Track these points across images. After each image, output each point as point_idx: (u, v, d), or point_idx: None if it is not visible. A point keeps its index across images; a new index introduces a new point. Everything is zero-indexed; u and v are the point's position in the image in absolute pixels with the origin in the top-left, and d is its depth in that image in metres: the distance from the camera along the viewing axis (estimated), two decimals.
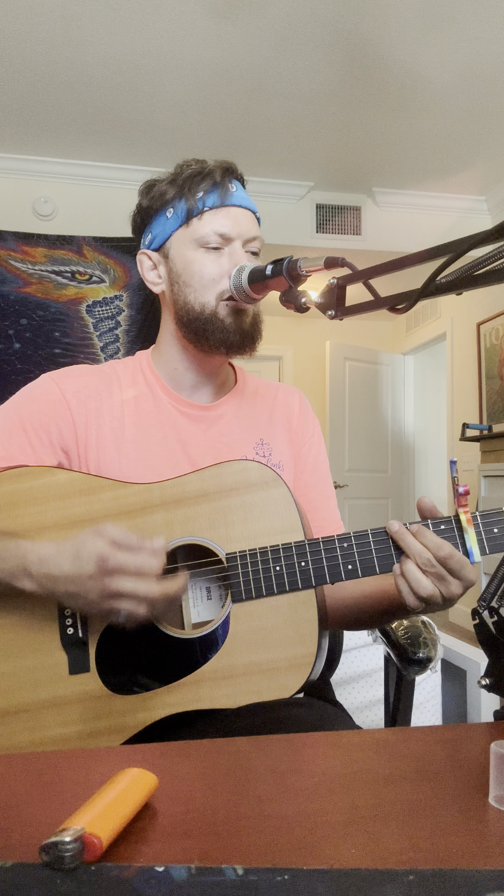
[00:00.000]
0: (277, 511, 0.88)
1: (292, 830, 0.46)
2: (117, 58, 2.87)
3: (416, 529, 0.81)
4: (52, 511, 0.89)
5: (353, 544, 0.84)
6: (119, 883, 0.39)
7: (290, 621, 0.84)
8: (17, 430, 0.96)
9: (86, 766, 0.59)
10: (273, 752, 0.61)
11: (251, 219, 1.02)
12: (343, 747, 0.63)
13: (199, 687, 0.83)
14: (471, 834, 0.45)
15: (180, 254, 1.00)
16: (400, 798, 0.50)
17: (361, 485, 5.36)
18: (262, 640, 0.84)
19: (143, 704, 0.83)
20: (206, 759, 0.60)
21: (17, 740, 0.84)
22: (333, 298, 0.83)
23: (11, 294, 3.57)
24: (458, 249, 0.66)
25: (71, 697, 0.84)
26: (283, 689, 0.82)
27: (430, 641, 1.07)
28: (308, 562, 0.84)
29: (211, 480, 0.89)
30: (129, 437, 0.99)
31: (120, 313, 3.67)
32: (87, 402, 0.99)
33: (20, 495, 0.89)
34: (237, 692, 0.83)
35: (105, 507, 0.88)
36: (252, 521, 0.87)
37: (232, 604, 0.85)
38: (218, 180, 0.99)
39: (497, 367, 4.34)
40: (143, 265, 1.06)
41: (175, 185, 1.00)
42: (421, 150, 3.62)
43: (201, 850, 0.43)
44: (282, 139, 3.55)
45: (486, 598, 0.65)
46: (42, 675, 0.85)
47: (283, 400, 1.13)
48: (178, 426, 1.02)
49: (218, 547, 0.87)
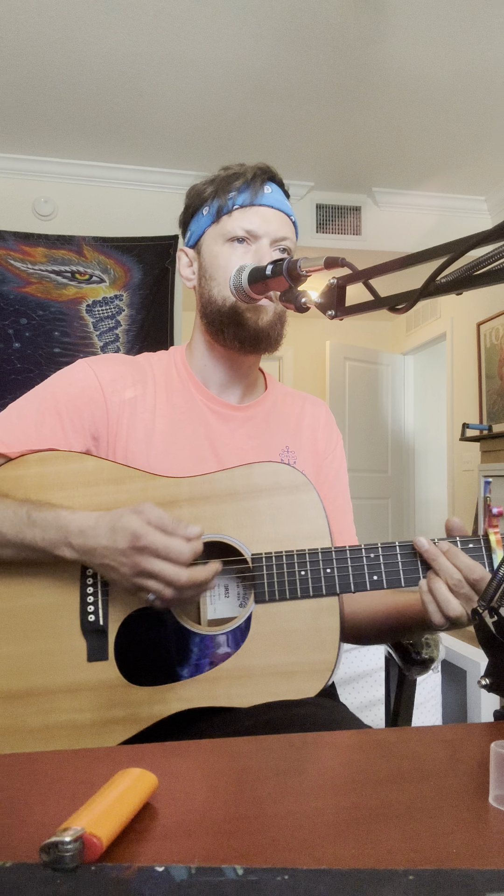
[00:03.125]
0: (306, 515, 0.88)
1: (292, 830, 0.46)
2: (117, 58, 2.87)
3: (447, 548, 0.82)
4: (78, 497, 0.88)
5: (379, 555, 0.85)
6: (119, 883, 0.39)
7: (312, 626, 0.84)
8: (52, 412, 0.96)
9: (86, 766, 0.59)
10: (273, 752, 0.61)
11: (283, 220, 1.02)
12: (343, 747, 0.63)
13: (217, 684, 0.83)
14: (471, 834, 0.45)
15: (209, 249, 1.02)
16: (400, 798, 0.50)
17: (361, 485, 5.35)
18: (282, 642, 0.84)
19: (159, 697, 0.83)
20: (206, 759, 0.60)
21: (28, 722, 0.83)
22: (333, 298, 0.83)
23: (11, 293, 3.58)
24: (458, 249, 0.66)
25: (87, 684, 0.84)
26: (299, 692, 0.83)
27: (433, 641, 1.08)
28: (334, 569, 0.85)
29: (241, 480, 0.89)
30: (160, 430, 0.98)
31: (120, 313, 3.67)
32: (122, 391, 0.99)
33: (48, 479, 0.89)
34: (253, 692, 0.83)
35: (132, 497, 0.88)
36: (279, 524, 0.87)
37: (255, 604, 0.85)
38: (250, 180, 1.00)
39: (497, 367, 4.34)
40: (180, 262, 1.08)
41: (212, 185, 1.03)
42: (421, 150, 3.62)
43: (201, 850, 0.43)
44: (282, 139, 3.55)
45: (486, 598, 0.65)
46: (59, 659, 0.85)
47: (311, 412, 1.14)
48: (209, 424, 1.02)
49: (244, 546, 0.87)
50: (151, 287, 3.67)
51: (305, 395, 1.18)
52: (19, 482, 0.89)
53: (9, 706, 0.83)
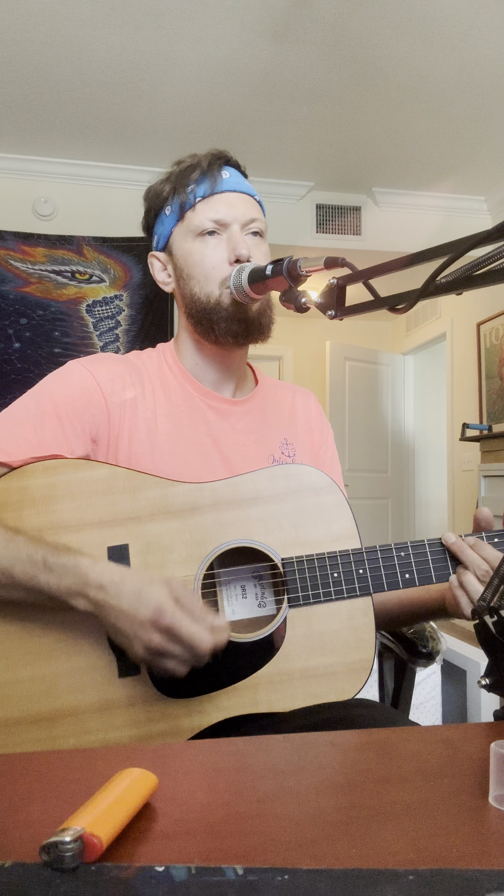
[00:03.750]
0: (332, 517, 0.88)
1: (292, 830, 0.46)
2: (117, 58, 2.87)
3: (472, 542, 0.84)
4: (92, 507, 0.84)
5: (410, 553, 0.86)
6: (119, 883, 0.39)
7: (348, 627, 0.85)
8: (52, 416, 0.92)
9: (86, 766, 0.59)
10: (273, 752, 0.60)
11: (248, 202, 1.00)
12: (343, 747, 0.63)
13: (256, 691, 0.83)
14: (471, 834, 0.45)
15: (180, 248, 1.00)
16: (400, 798, 0.50)
17: (361, 485, 5.35)
18: (319, 644, 0.84)
19: (198, 708, 0.82)
20: (206, 759, 0.60)
21: (61, 745, 0.79)
22: (333, 298, 0.83)
23: (11, 293, 3.57)
24: (458, 249, 0.66)
25: (121, 701, 0.81)
26: (340, 692, 0.83)
27: (436, 635, 1.10)
28: (366, 569, 0.85)
29: (264, 483, 0.88)
30: (163, 430, 0.96)
31: (120, 313, 3.67)
32: (121, 390, 0.96)
33: (58, 489, 0.85)
34: (294, 695, 0.83)
35: (151, 505, 0.85)
36: (307, 527, 0.87)
37: (288, 608, 0.85)
38: (206, 169, 0.98)
39: (497, 367, 4.34)
40: (153, 267, 1.06)
41: (169, 183, 1.01)
42: (421, 150, 3.62)
43: (201, 850, 0.43)
44: (282, 139, 3.55)
45: (486, 598, 0.65)
46: (89, 677, 0.81)
47: (303, 403, 1.14)
48: (209, 420, 1.01)
49: (273, 551, 0.86)
50: (151, 287, 3.67)
51: (293, 385, 1.17)
52: (24, 493, 0.84)
53: (40, 730, 0.80)
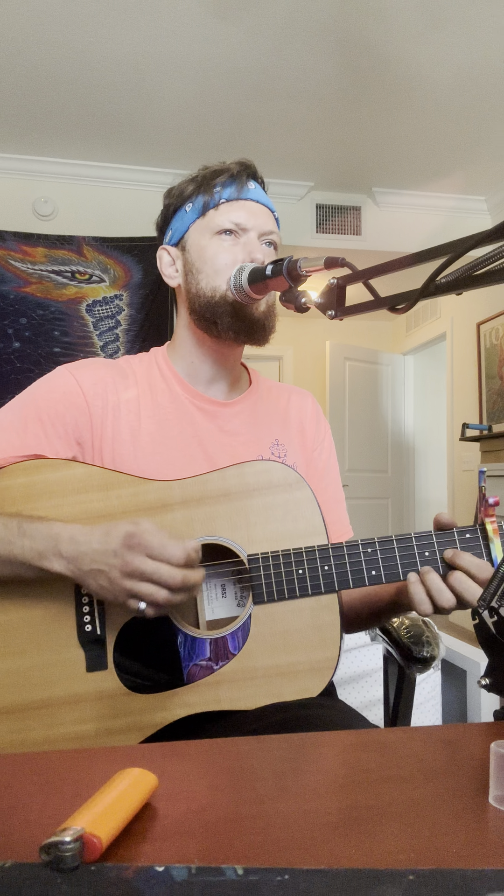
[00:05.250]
0: (301, 514, 0.87)
1: (292, 830, 0.46)
2: (118, 58, 2.87)
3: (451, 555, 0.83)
4: (68, 505, 0.87)
5: (377, 549, 0.85)
6: (119, 883, 0.39)
7: (313, 625, 0.84)
8: (34, 419, 0.95)
9: (86, 766, 0.59)
10: (273, 752, 0.60)
11: (268, 215, 1.03)
12: (343, 747, 0.63)
13: (219, 688, 0.83)
14: (471, 834, 0.45)
15: (196, 243, 1.02)
16: (400, 798, 0.50)
17: (361, 485, 5.36)
18: (283, 642, 0.84)
19: (161, 704, 0.83)
20: (206, 759, 0.60)
21: (32, 736, 0.83)
22: (333, 298, 0.83)
23: (11, 293, 3.57)
24: (458, 249, 0.66)
25: (88, 695, 0.83)
26: (303, 691, 0.82)
27: (433, 639, 1.08)
28: (332, 566, 0.84)
29: (233, 480, 0.88)
30: (146, 431, 0.98)
31: (120, 313, 3.67)
32: (104, 394, 0.98)
33: (36, 488, 0.88)
34: (257, 694, 0.83)
35: (123, 503, 0.87)
36: (275, 523, 0.87)
37: (253, 605, 0.85)
38: (234, 175, 1.00)
39: (497, 367, 4.34)
40: (161, 260, 1.07)
41: (195, 182, 1.03)
42: (421, 150, 3.62)
43: (201, 850, 0.43)
44: (282, 139, 3.55)
45: (486, 598, 0.65)
46: (59, 671, 0.84)
47: (297, 403, 1.14)
48: (196, 422, 1.01)
49: (239, 548, 0.86)
50: (151, 287, 3.67)
51: (290, 387, 1.17)
52: (6, 493, 0.88)
53: (12, 721, 0.83)
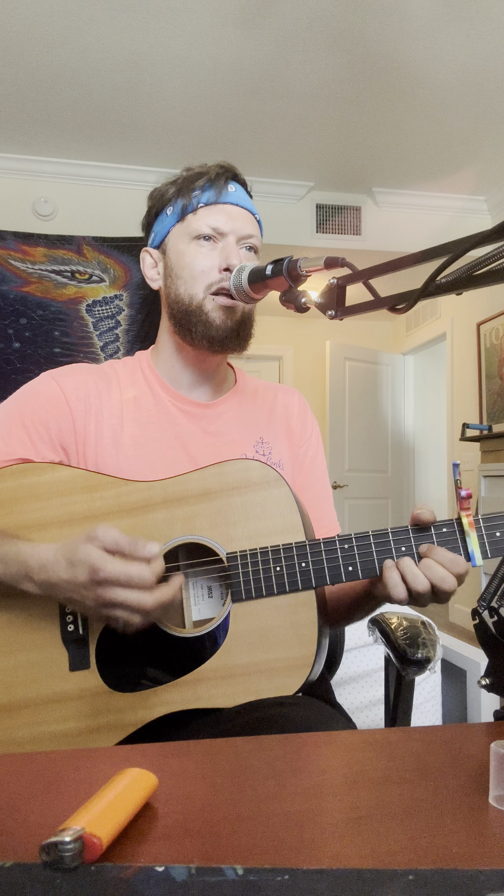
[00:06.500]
0: (279, 511, 0.87)
1: (292, 830, 0.46)
2: (118, 58, 2.87)
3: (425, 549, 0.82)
4: (53, 508, 0.89)
5: (353, 545, 0.84)
6: (119, 883, 0.39)
7: (290, 622, 0.84)
8: (18, 426, 0.97)
9: (86, 766, 0.59)
10: (273, 752, 0.61)
11: (248, 218, 1.03)
12: (343, 747, 0.63)
13: (199, 686, 0.83)
14: (471, 834, 0.45)
15: (175, 247, 1.02)
16: (400, 798, 0.50)
17: (361, 485, 5.36)
18: (261, 640, 0.84)
19: (142, 702, 0.83)
20: (206, 759, 0.60)
21: (17, 735, 0.84)
22: (333, 298, 0.83)
23: (11, 293, 3.57)
24: (458, 249, 0.66)
25: (71, 694, 0.84)
26: (281, 689, 0.82)
27: (430, 642, 1.06)
28: (309, 562, 0.84)
29: (213, 479, 0.89)
30: (128, 435, 0.99)
31: (120, 313, 3.67)
32: (86, 399, 0.99)
33: (22, 491, 0.90)
34: (236, 691, 0.83)
35: (106, 504, 0.88)
36: (253, 521, 0.87)
37: (232, 603, 0.85)
38: (213, 178, 1.01)
39: (497, 367, 4.34)
40: (144, 262, 1.09)
41: (175, 185, 1.04)
42: (421, 150, 3.62)
43: (201, 850, 0.43)
44: (282, 139, 3.55)
45: (486, 598, 0.65)
46: (42, 671, 0.85)
47: (283, 400, 1.14)
48: (178, 424, 1.02)
49: (219, 546, 0.87)
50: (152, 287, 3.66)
51: (277, 385, 1.18)
52: None
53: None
